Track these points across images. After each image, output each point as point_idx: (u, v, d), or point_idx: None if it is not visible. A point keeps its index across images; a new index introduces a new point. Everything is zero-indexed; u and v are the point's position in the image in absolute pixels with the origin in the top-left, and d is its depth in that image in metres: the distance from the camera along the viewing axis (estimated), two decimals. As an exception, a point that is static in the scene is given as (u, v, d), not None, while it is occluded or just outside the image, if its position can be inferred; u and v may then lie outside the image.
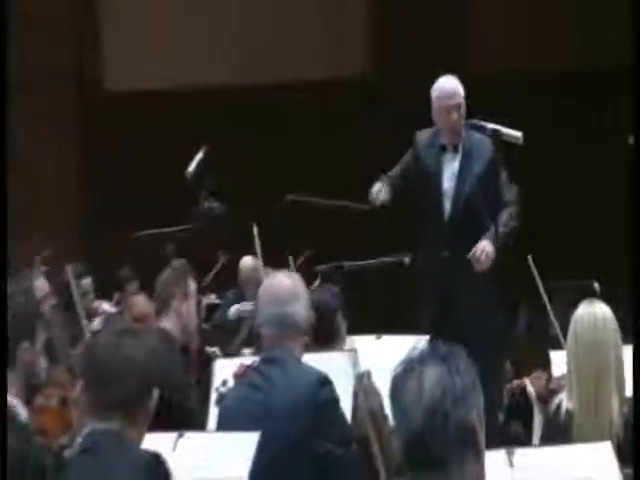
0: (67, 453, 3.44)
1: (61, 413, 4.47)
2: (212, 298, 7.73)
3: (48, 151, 11.42)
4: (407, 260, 5.86)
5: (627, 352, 3.80)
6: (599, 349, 3.74)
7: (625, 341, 3.83)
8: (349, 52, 12.07)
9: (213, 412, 4.12)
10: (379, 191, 5.59)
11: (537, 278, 4.95)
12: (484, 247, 5.37)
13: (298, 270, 5.84)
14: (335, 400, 3.68)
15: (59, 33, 11.82)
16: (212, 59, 11.65)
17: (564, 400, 3.74)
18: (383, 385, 3.61)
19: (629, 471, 3.10)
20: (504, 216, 5.38)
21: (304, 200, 6.60)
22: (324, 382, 3.67)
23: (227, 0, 11.85)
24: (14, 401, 3.95)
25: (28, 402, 4.17)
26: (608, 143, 6.81)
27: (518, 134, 5.23)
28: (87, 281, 7.99)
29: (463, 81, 5.77)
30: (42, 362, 4.37)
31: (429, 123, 5.76)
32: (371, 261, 6.10)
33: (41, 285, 5.99)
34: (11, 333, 3.93)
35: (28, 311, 4.15)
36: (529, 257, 5.02)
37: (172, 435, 3.41)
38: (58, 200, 11.47)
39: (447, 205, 5.65)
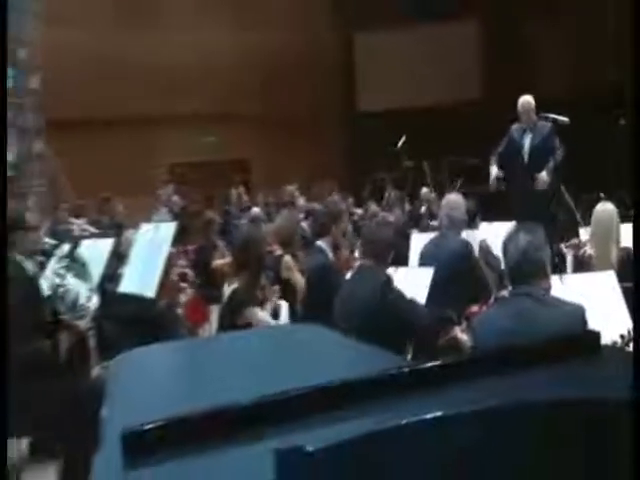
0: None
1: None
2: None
3: (320, 152, 11.00)
4: (504, 188, 5.68)
5: (622, 228, 3.52)
6: (607, 224, 3.52)
7: (622, 222, 3.56)
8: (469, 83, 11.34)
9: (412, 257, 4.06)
10: (493, 171, 5.45)
11: (567, 195, 4.77)
12: (542, 176, 5.25)
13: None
14: (473, 254, 3.69)
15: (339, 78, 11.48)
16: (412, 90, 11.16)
17: (587, 249, 3.58)
18: (495, 246, 3.60)
19: (625, 285, 2.87)
20: (556, 157, 5.25)
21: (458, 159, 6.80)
22: (468, 245, 3.71)
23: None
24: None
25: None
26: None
27: (566, 119, 5.14)
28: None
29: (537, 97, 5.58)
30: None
31: (516, 121, 5.57)
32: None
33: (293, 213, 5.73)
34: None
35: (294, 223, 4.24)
36: (562, 187, 4.90)
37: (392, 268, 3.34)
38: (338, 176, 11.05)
39: (526, 156, 5.46)
